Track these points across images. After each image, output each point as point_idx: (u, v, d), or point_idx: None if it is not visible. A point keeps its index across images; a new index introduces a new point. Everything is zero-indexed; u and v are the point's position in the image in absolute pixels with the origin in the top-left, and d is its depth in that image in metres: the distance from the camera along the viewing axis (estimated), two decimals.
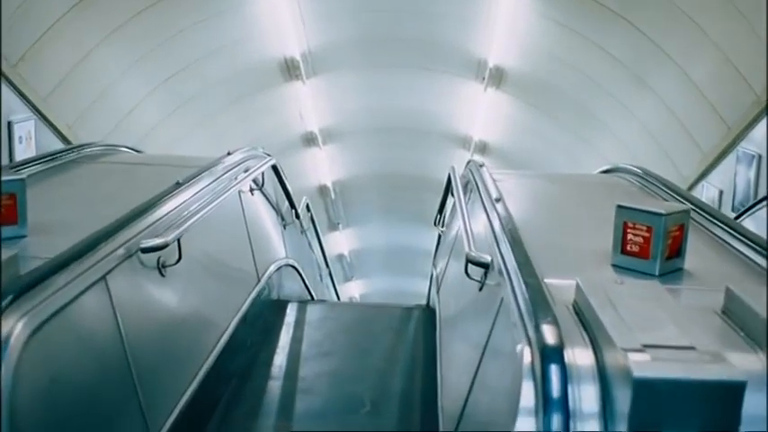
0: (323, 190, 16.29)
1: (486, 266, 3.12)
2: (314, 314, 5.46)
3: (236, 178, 4.65)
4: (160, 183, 3.90)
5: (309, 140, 13.85)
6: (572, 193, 4.50)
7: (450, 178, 5.58)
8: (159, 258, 3.29)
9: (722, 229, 3.43)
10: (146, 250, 3.10)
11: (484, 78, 11.07)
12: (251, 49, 10.49)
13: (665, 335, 1.99)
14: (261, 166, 5.14)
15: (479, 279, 3.27)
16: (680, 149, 8.98)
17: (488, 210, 3.72)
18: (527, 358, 2.03)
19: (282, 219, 6.17)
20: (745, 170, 7.53)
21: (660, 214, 2.81)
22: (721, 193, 8.18)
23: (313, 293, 7.46)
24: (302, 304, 5.63)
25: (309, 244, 8.33)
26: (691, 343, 1.91)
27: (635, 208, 2.89)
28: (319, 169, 15.28)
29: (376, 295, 26.51)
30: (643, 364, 1.78)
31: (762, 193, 7.04)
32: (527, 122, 12.01)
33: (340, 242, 19.95)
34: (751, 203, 6.97)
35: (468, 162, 5.75)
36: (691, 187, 8.50)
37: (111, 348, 2.76)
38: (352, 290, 25.34)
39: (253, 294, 4.75)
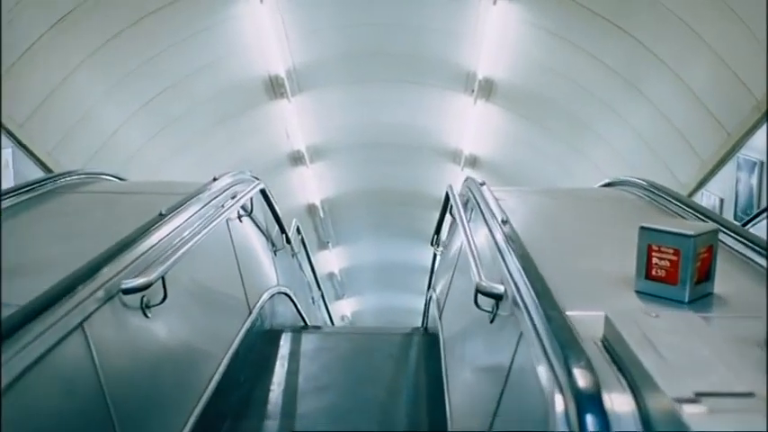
0: (311, 209, 16.04)
1: (499, 298, 2.87)
2: (309, 344, 5.19)
3: (223, 206, 4.40)
4: (143, 213, 3.64)
5: (296, 159, 13.61)
6: (579, 211, 4.27)
7: (447, 197, 5.35)
8: (143, 298, 3.03)
9: (747, 245, 3.20)
10: (127, 291, 2.84)
11: (473, 91, 10.87)
12: (235, 68, 10.25)
13: (719, 379, 1.75)
14: (249, 191, 4.89)
15: (491, 310, 3.03)
16: (677, 157, 8.79)
17: (495, 233, 3.48)
18: (560, 406, 1.79)
19: (273, 244, 5.92)
20: (747, 177, 7.34)
21: (688, 236, 2.56)
22: (722, 201, 7.99)
23: (306, 319, 7.19)
24: (296, 333, 5.37)
25: (300, 266, 8.08)
26: (748, 388, 1.67)
27: (660, 229, 2.64)
28: (307, 188, 15.03)
29: (368, 313, 26.26)
30: (700, 418, 1.54)
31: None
32: (518, 134, 11.82)
33: (330, 261, 19.69)
34: (756, 212, 6.77)
35: (466, 180, 5.52)
36: (690, 196, 8.30)
37: (91, 403, 2.50)
38: (344, 308, 25.07)
39: (245, 327, 4.50)
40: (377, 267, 21.46)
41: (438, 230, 6.02)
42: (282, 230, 6.06)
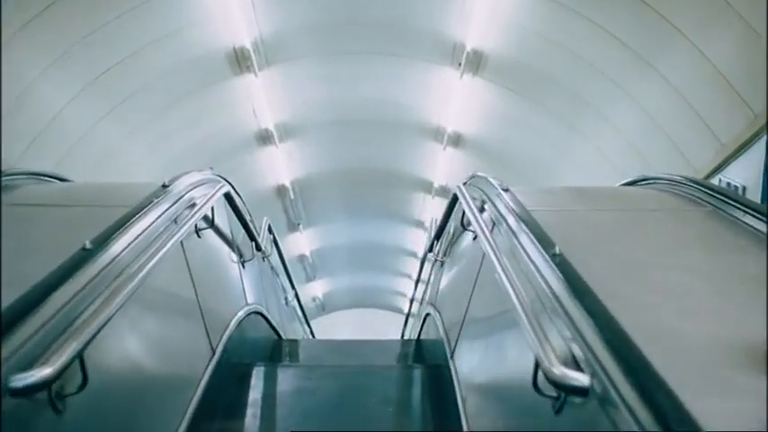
0: (281, 190, 14.97)
1: (582, 393, 1.93)
2: (286, 383, 4.23)
3: (176, 221, 3.39)
4: (64, 243, 2.63)
5: (264, 138, 12.51)
6: (637, 227, 3.32)
7: (454, 200, 4.41)
8: (51, 388, 2.04)
9: None
10: (17, 393, 1.85)
11: (460, 64, 9.84)
12: (195, 39, 9.10)
13: None
14: (210, 197, 3.87)
15: (556, 396, 2.11)
16: (691, 139, 7.89)
17: (546, 274, 2.52)
18: None
19: (240, 255, 4.93)
20: None
21: None
22: (744, 188, 7.12)
23: (281, 333, 6.25)
24: (270, 369, 4.40)
25: (273, 269, 7.10)
26: None
27: None
28: (276, 168, 13.95)
29: (341, 293, 25.40)
30: None
31: None
32: (509, 111, 10.81)
33: (300, 243, 18.70)
34: None
35: (474, 178, 4.57)
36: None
37: None
38: (316, 290, 24.20)
39: (207, 374, 3.53)
40: (350, 248, 20.55)
41: (438, 237, 5.08)
42: (252, 238, 5.06)
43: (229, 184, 5.24)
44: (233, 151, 12.17)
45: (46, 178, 4.42)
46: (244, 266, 4.91)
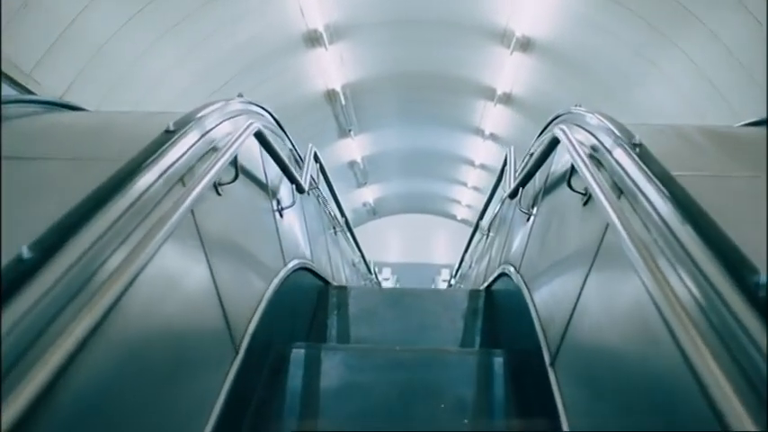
0: (331, 95, 13.90)
1: None
2: (330, 379, 3.34)
3: (183, 182, 2.44)
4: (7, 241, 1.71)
5: (313, 40, 11.37)
6: None
7: (552, 144, 3.36)
8: None
9: None
10: None
11: None
12: None
13: None
14: (231, 145, 2.88)
15: None
16: None
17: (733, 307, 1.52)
18: None
19: (278, 203, 3.99)
20: None
21: None
22: None
23: (329, 277, 5.39)
24: (312, 353, 3.51)
25: (321, 199, 6.18)
26: None
27: None
28: (326, 72, 12.85)
29: (393, 199, 24.69)
30: None
31: None
32: (588, 13, 9.44)
33: (352, 149, 17.84)
34: None
35: (570, 114, 3.53)
36: None
37: None
38: (366, 195, 23.56)
39: (227, 384, 2.66)
40: (404, 154, 19.62)
41: (524, 183, 4.06)
42: (292, 180, 4.10)
43: (267, 112, 4.27)
44: (277, 55, 11.11)
45: (63, 108, 3.53)
46: (282, 215, 3.99)
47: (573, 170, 2.95)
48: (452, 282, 10.82)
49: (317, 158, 5.52)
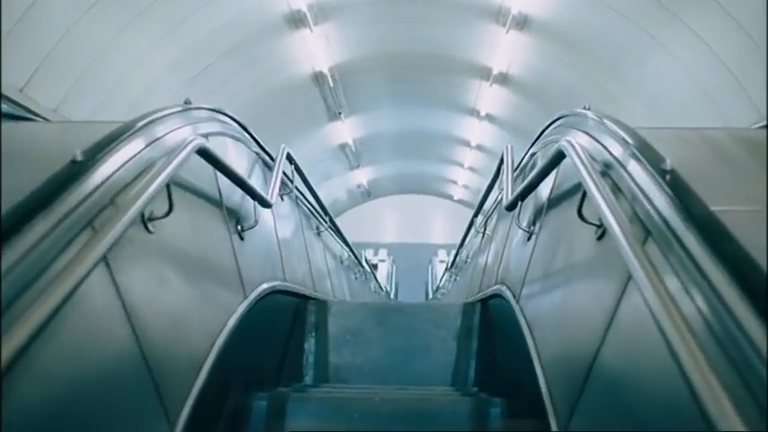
0: (318, 77, 13.28)
1: None
2: None
3: (92, 227, 1.89)
4: None
5: (297, 21, 10.74)
6: None
7: (557, 159, 2.79)
8: None
9: None
10: None
11: None
12: None
13: None
14: (162, 170, 2.31)
15: None
16: None
17: None
18: None
19: (238, 223, 3.43)
20: None
21: None
22: None
23: (312, 292, 4.85)
24: (274, 416, 2.97)
25: (302, 203, 5.63)
26: None
27: None
28: (312, 54, 12.23)
29: (386, 180, 24.16)
30: None
31: None
32: None
33: (342, 132, 17.34)
34: None
35: (577, 116, 2.98)
36: None
37: None
38: (360, 177, 23.08)
39: None
40: (397, 136, 19.08)
41: (524, 196, 3.50)
42: (254, 196, 3.53)
43: (226, 116, 3.70)
44: (259, 38, 10.51)
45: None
46: (242, 238, 3.44)
47: (584, 196, 2.40)
48: (445, 276, 10.37)
49: (290, 159, 4.95)
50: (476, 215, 6.76)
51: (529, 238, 3.44)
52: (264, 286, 3.69)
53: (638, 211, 2.06)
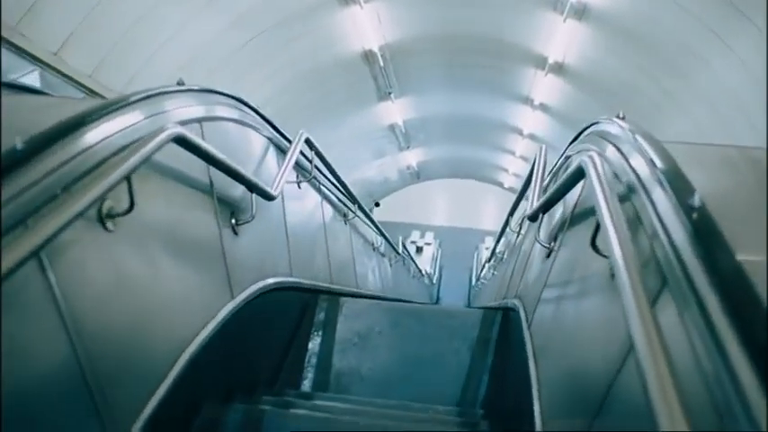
0: (368, 56, 12.97)
1: None
2: None
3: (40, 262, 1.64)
4: None
5: None
6: None
7: (577, 176, 2.45)
8: None
9: None
10: None
11: None
12: None
13: None
14: (120, 163, 2.05)
15: None
16: None
17: None
18: None
19: (233, 215, 3.17)
20: None
21: None
22: None
23: (330, 284, 4.58)
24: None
25: (324, 190, 5.36)
26: None
27: None
28: (362, 32, 11.91)
29: (437, 163, 23.88)
30: None
31: None
32: None
33: (392, 112, 17.07)
34: None
35: (594, 131, 2.64)
36: None
37: None
38: (409, 159, 22.88)
39: None
40: (448, 119, 18.70)
41: (546, 209, 3.17)
42: (252, 188, 3.25)
43: (237, 100, 3.43)
44: (307, 12, 10.20)
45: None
46: (237, 232, 3.18)
47: (598, 227, 2.07)
48: (486, 267, 10.05)
49: (310, 144, 4.66)
50: (511, 214, 6.42)
51: (548, 255, 3.11)
52: (261, 284, 3.43)
53: (656, 251, 1.74)
